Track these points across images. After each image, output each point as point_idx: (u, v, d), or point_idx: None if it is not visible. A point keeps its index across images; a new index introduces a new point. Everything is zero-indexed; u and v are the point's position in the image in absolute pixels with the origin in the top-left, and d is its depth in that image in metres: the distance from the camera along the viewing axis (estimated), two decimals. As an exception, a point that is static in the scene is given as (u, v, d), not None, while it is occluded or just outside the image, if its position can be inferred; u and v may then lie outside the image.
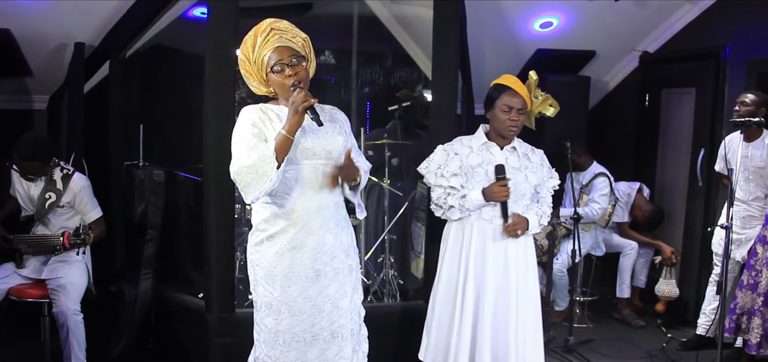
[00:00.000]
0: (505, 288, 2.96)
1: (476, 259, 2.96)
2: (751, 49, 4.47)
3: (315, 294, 2.54)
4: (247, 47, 2.54)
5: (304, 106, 2.37)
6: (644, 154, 5.46)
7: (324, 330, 2.57)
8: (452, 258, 3.03)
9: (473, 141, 3.06)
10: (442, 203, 3.01)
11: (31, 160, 3.43)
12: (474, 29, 4.57)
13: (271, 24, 2.54)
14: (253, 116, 2.53)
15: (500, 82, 3.02)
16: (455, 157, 3.02)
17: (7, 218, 3.60)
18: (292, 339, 2.54)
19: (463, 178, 2.98)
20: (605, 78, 5.73)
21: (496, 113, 2.96)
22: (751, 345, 3.56)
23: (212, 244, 3.42)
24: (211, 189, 3.42)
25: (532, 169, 3.04)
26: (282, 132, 2.38)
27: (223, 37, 3.37)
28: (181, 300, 3.85)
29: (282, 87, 2.51)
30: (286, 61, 2.49)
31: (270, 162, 2.36)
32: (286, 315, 2.53)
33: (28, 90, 4.57)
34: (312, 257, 2.53)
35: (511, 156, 3.02)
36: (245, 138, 2.49)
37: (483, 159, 2.99)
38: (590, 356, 4.18)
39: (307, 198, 2.52)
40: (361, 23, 5.25)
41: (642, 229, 5.05)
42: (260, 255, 2.56)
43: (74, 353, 3.40)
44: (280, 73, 2.49)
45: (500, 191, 2.88)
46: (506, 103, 2.93)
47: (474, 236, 2.97)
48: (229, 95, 3.43)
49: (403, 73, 5.79)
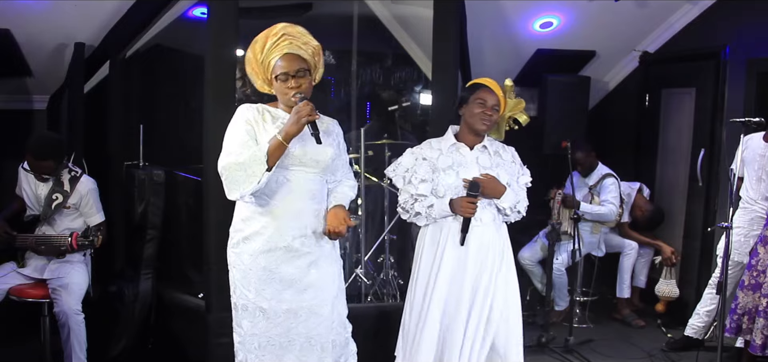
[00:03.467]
0: (481, 284, 2.90)
1: (451, 255, 2.90)
2: (751, 49, 4.47)
3: (290, 299, 2.54)
4: (257, 47, 2.55)
5: (308, 119, 2.39)
6: (644, 154, 5.46)
7: (300, 335, 2.56)
8: (428, 256, 2.97)
9: (442, 143, 3.01)
10: (409, 208, 2.97)
11: (47, 160, 3.43)
12: (474, 29, 4.57)
13: (284, 28, 2.54)
14: (247, 115, 2.54)
15: (475, 81, 3.02)
16: (424, 163, 2.97)
17: (11, 217, 3.60)
18: (267, 342, 2.54)
19: (431, 184, 2.93)
20: (605, 78, 5.73)
21: (470, 108, 2.92)
22: (755, 345, 3.55)
23: (212, 244, 3.41)
24: (211, 189, 3.42)
25: (504, 167, 2.99)
26: (278, 137, 2.40)
27: (223, 37, 3.37)
28: (181, 300, 3.85)
29: (283, 95, 2.53)
30: (291, 72, 2.49)
31: (260, 163, 2.38)
32: (261, 318, 2.54)
33: (28, 90, 4.57)
34: (286, 261, 2.53)
35: (482, 155, 2.98)
36: (238, 134, 2.50)
37: (453, 160, 2.95)
38: (590, 356, 4.18)
39: (288, 203, 2.53)
40: (361, 23, 5.25)
41: (642, 229, 5.05)
42: (236, 257, 2.58)
43: (75, 353, 3.40)
44: (284, 83, 2.51)
45: (467, 208, 2.83)
46: (481, 98, 2.90)
47: (451, 234, 2.91)
48: (229, 95, 3.43)
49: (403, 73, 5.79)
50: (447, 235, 2.92)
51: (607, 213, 4.71)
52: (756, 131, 3.89)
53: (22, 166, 3.56)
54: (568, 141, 4.43)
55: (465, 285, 2.90)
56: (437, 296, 2.90)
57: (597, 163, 4.90)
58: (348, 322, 2.75)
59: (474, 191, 2.83)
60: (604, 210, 4.70)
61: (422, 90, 5.69)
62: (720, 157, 4.56)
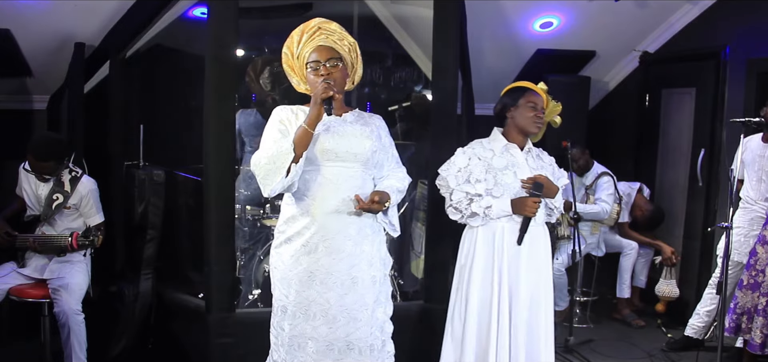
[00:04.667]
0: (536, 289, 2.94)
1: (510, 261, 2.91)
2: (751, 49, 4.47)
3: (331, 302, 2.49)
4: (293, 41, 2.52)
5: (323, 96, 2.34)
6: (644, 154, 5.46)
7: (339, 340, 2.51)
8: (485, 262, 2.94)
9: (493, 143, 3.02)
10: (464, 208, 2.94)
11: (48, 160, 3.43)
12: (474, 29, 4.57)
13: (320, 23, 2.53)
14: (281, 115, 2.52)
15: (519, 84, 3.03)
16: (479, 162, 2.96)
17: (11, 217, 3.60)
18: (306, 344, 2.50)
19: (488, 184, 2.93)
20: (605, 78, 5.73)
21: (521, 111, 2.95)
22: (754, 344, 3.55)
23: (212, 244, 3.42)
24: (211, 189, 3.42)
25: (545, 169, 3.04)
26: (302, 125, 2.37)
27: (223, 37, 3.37)
28: (181, 300, 3.85)
29: (314, 85, 2.47)
30: (323, 60, 2.47)
31: (287, 154, 2.34)
32: (300, 320, 2.50)
33: (28, 90, 4.57)
34: (328, 262, 2.48)
35: (529, 157, 3.02)
36: (271, 134, 2.48)
37: (508, 162, 2.96)
38: (590, 356, 4.18)
39: (326, 201, 2.47)
40: (361, 23, 5.25)
41: (642, 229, 5.05)
42: (278, 258, 2.54)
43: (75, 353, 3.40)
44: (315, 72, 2.48)
45: (532, 207, 2.85)
46: (532, 100, 2.95)
47: (506, 237, 2.92)
48: (229, 95, 3.43)
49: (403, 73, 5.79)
50: (503, 235, 2.93)
51: (601, 212, 4.71)
52: (756, 131, 3.89)
53: (22, 166, 3.56)
54: (568, 141, 4.43)
55: (522, 287, 2.91)
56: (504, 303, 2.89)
57: (592, 162, 4.91)
58: (389, 323, 2.69)
59: (538, 191, 2.86)
60: (597, 209, 4.70)
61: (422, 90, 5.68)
62: (720, 157, 4.56)
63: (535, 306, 2.94)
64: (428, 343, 3.47)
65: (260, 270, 4.03)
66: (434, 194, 3.23)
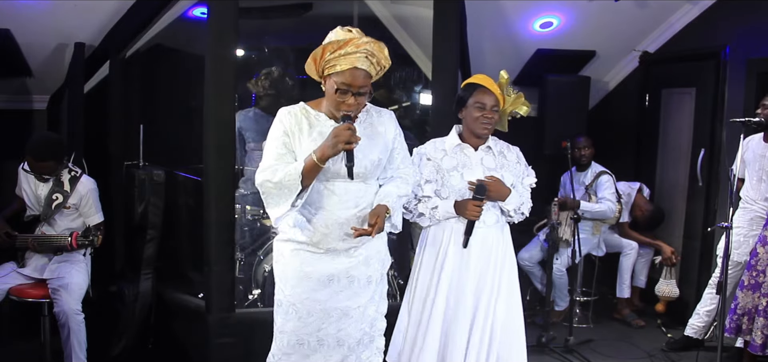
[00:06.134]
0: (485, 287, 2.88)
1: (454, 258, 2.87)
2: (751, 49, 4.47)
3: (324, 299, 2.51)
4: (333, 45, 2.34)
5: (346, 148, 2.31)
6: (644, 154, 5.46)
7: (330, 336, 2.54)
8: (430, 260, 2.93)
9: (446, 143, 2.97)
10: (412, 208, 2.92)
11: (47, 161, 3.43)
12: (474, 29, 4.57)
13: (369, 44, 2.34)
14: (285, 124, 2.45)
15: (471, 80, 2.95)
16: (428, 163, 2.92)
17: (11, 217, 3.60)
18: (296, 341, 2.52)
19: (436, 184, 2.90)
20: (605, 78, 5.73)
21: (469, 111, 2.87)
22: (755, 345, 3.55)
23: (212, 244, 3.42)
24: (211, 190, 3.42)
25: (509, 167, 2.95)
26: (313, 157, 2.32)
27: (223, 37, 3.37)
28: (181, 300, 3.85)
29: (335, 106, 2.41)
30: (355, 88, 2.35)
31: (295, 184, 2.34)
32: (293, 316, 2.52)
33: (28, 90, 4.57)
34: (326, 261, 2.51)
35: (487, 156, 2.94)
36: (275, 146, 2.44)
37: (458, 161, 2.91)
38: (590, 356, 4.18)
39: (332, 215, 2.48)
40: (361, 23, 5.24)
41: (642, 229, 5.05)
42: (278, 252, 2.58)
43: (75, 353, 3.40)
44: (342, 95, 2.36)
45: (473, 211, 2.79)
46: (479, 101, 2.85)
47: (454, 235, 2.88)
48: (229, 95, 3.43)
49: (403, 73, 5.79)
50: (450, 237, 2.89)
51: (607, 211, 4.71)
52: (756, 131, 3.89)
53: (21, 166, 3.56)
54: (567, 141, 4.43)
55: (467, 289, 2.86)
56: (440, 299, 2.86)
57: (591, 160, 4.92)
58: (381, 320, 2.69)
59: (480, 194, 2.79)
60: (603, 208, 4.70)
61: (422, 90, 5.68)
62: (720, 157, 4.55)
63: (485, 315, 2.85)
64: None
65: (260, 270, 4.03)
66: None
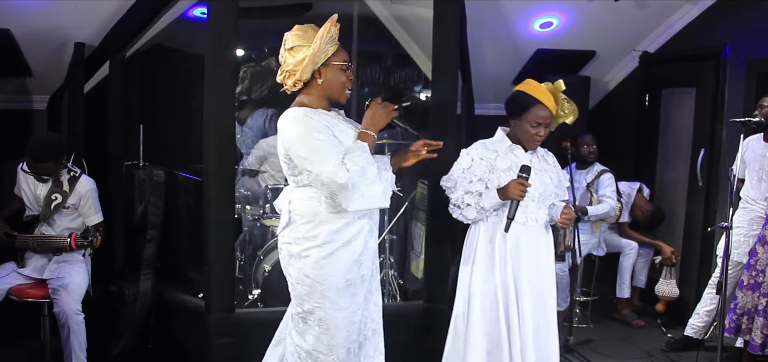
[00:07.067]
0: (540, 288, 2.95)
1: (511, 258, 2.91)
2: (751, 49, 4.47)
3: (366, 296, 2.62)
4: (325, 36, 2.42)
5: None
6: (644, 154, 5.46)
7: (367, 328, 2.65)
8: (486, 259, 2.95)
9: (497, 144, 3.03)
10: (461, 203, 2.95)
11: (47, 161, 3.43)
12: (474, 29, 4.57)
13: (334, 20, 2.47)
14: (316, 119, 2.42)
15: (531, 93, 2.92)
16: (482, 163, 2.97)
17: (10, 217, 3.60)
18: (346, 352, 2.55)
19: (490, 182, 2.94)
20: (605, 78, 5.73)
21: (524, 125, 2.92)
22: (754, 345, 3.55)
23: (212, 244, 3.42)
24: (210, 189, 3.42)
25: (550, 171, 3.05)
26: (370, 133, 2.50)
27: (223, 37, 3.37)
28: (181, 300, 3.85)
29: (339, 85, 2.51)
30: (349, 61, 2.55)
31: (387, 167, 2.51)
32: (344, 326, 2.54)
33: (28, 90, 4.57)
34: (367, 263, 2.60)
35: (534, 158, 3.02)
36: (323, 140, 2.38)
37: (511, 162, 2.96)
38: (590, 356, 4.18)
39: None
40: (361, 23, 5.25)
41: (642, 229, 5.05)
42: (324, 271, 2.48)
43: (75, 353, 3.40)
44: (345, 72, 2.52)
45: (516, 188, 2.80)
46: (536, 117, 2.89)
47: (509, 238, 2.92)
48: (229, 95, 3.43)
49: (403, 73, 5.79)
50: (505, 238, 2.93)
51: (609, 210, 4.72)
52: (756, 131, 3.89)
53: (20, 166, 3.56)
54: (567, 140, 4.43)
55: (524, 282, 2.91)
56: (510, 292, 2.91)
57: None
58: None
59: (525, 173, 2.83)
60: (606, 208, 4.70)
61: (422, 90, 5.68)
62: (720, 157, 4.55)
63: (541, 304, 2.94)
64: (428, 343, 3.47)
65: (260, 270, 4.03)
66: (434, 194, 3.23)
